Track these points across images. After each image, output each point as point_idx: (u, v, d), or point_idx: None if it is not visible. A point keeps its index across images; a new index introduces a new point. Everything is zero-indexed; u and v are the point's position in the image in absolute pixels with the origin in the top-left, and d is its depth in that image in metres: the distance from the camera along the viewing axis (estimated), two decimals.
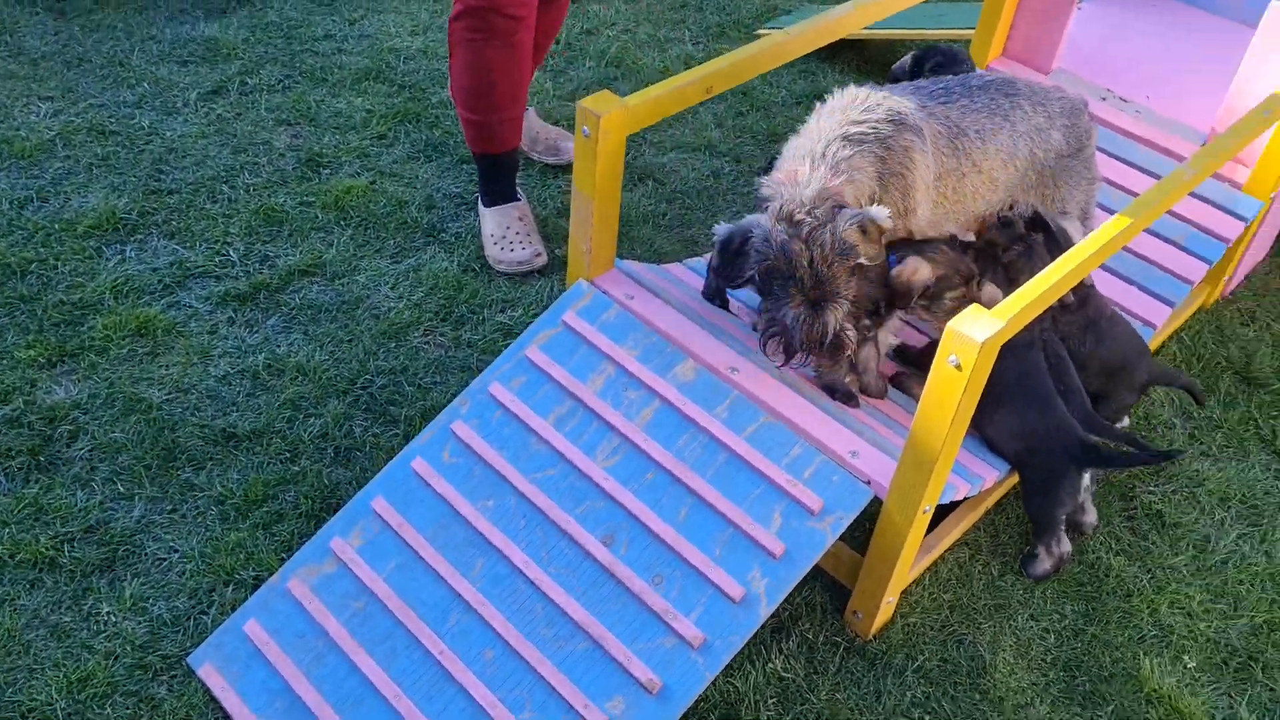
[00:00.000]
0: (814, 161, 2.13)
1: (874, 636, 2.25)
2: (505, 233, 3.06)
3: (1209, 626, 2.34)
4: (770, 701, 2.13)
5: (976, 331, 1.76)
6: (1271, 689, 2.24)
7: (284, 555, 2.27)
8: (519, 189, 3.17)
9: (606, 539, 2.09)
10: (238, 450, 2.50)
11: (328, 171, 3.32)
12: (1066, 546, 2.38)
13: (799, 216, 2.06)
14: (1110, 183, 2.95)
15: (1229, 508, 2.59)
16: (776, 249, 2.07)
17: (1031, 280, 1.92)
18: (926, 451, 1.91)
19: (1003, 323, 1.78)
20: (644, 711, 1.89)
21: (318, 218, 3.15)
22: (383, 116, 3.55)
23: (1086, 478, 2.33)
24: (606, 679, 1.93)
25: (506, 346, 2.76)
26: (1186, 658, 2.28)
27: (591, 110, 2.16)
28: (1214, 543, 2.51)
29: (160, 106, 3.50)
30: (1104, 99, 3.25)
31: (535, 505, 2.14)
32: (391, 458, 2.44)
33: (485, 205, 3.12)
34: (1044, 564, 2.37)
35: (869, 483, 2.07)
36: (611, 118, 2.16)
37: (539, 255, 3.03)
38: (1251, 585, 2.43)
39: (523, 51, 2.84)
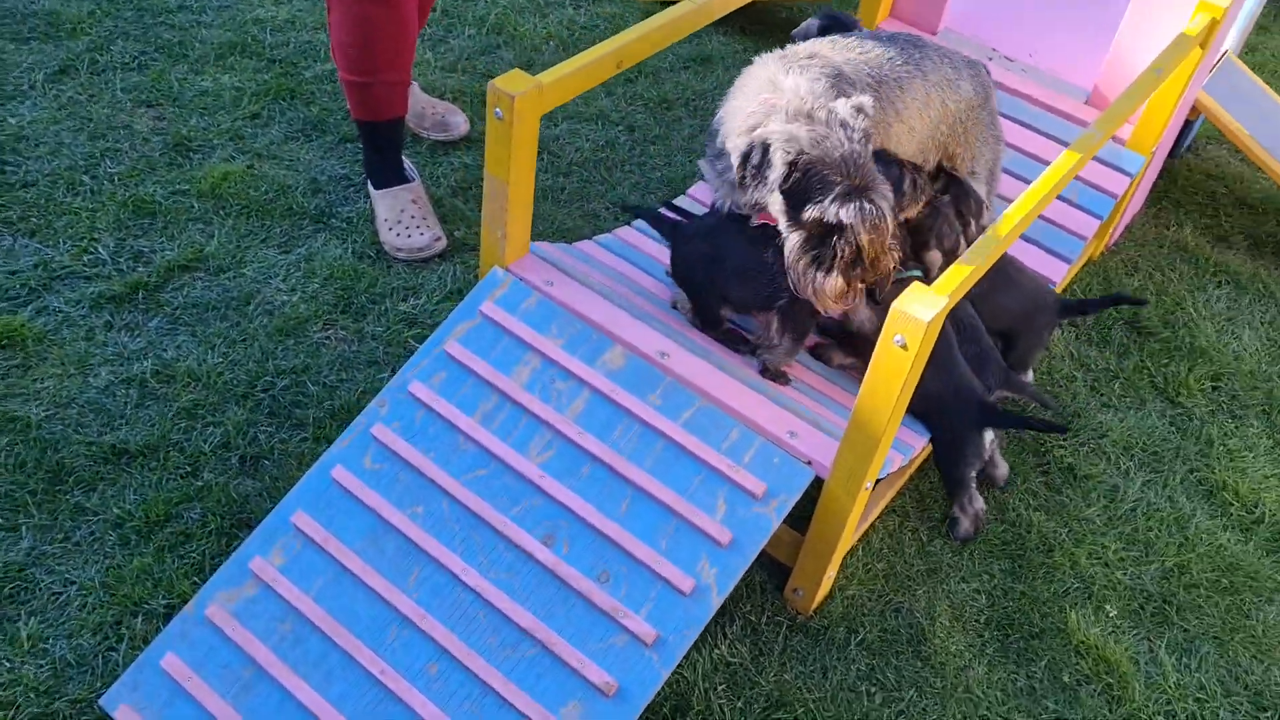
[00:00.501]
0: (778, 87, 2.09)
1: (815, 612, 2.25)
2: (400, 217, 2.92)
3: (1125, 575, 2.43)
4: (720, 688, 2.12)
5: (922, 311, 1.75)
6: (1185, 629, 2.35)
7: (197, 579, 2.13)
8: (412, 168, 3.03)
9: (547, 539, 2.02)
10: (131, 467, 2.32)
11: (199, 157, 3.10)
12: (980, 504, 2.43)
13: (813, 109, 2.03)
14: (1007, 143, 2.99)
15: (1132, 457, 2.69)
16: (810, 141, 2.00)
17: (969, 252, 1.92)
18: (871, 430, 1.90)
19: (945, 300, 1.77)
20: (601, 715, 1.84)
21: (193, 208, 2.93)
22: (254, 95, 3.33)
23: (989, 435, 2.38)
24: (560, 685, 1.88)
25: (412, 338, 2.65)
26: (1108, 606, 2.36)
27: (505, 91, 2.05)
28: (1122, 492, 2.60)
29: (1, 90, 3.20)
30: (990, 58, 3.29)
31: (469, 509, 2.05)
32: (302, 464, 2.31)
33: (376, 188, 2.98)
34: (964, 525, 2.41)
35: (810, 463, 2.05)
36: (526, 98, 2.06)
37: (439, 239, 2.90)
38: (1159, 531, 2.53)
39: (405, 10, 2.70)
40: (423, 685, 1.90)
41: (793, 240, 2.05)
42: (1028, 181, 2.68)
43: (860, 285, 2.06)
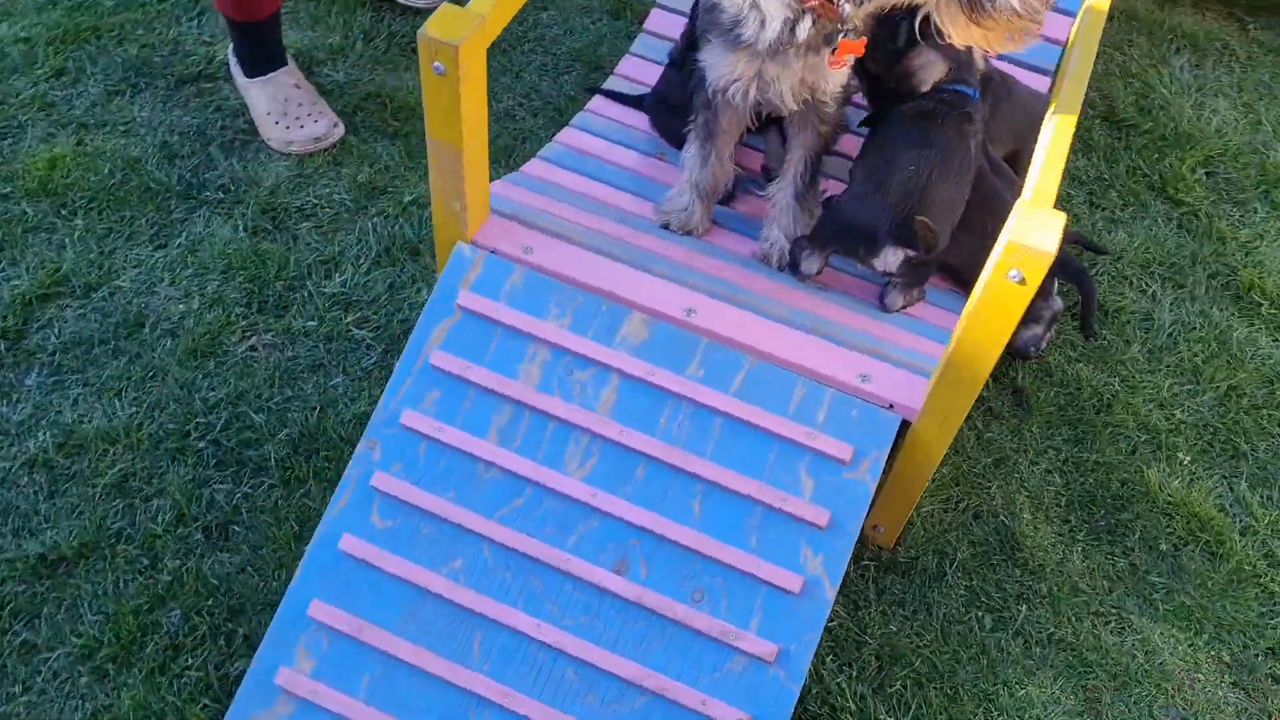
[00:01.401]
0: None
1: (897, 544, 2.05)
2: (286, 106, 2.50)
3: (1184, 413, 2.29)
4: (828, 659, 1.91)
5: (1045, 240, 1.44)
6: (1258, 458, 2.24)
7: (209, 701, 1.77)
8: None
9: (619, 565, 1.72)
10: (74, 577, 1.89)
11: (7, 143, 2.47)
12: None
13: None
14: None
15: (1153, 274, 2.52)
16: None
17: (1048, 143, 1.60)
18: (975, 369, 1.63)
19: (1063, 222, 1.47)
20: None
21: (26, 214, 2.35)
22: (48, 44, 2.66)
23: None
24: None
25: (354, 325, 2.23)
26: (1180, 454, 2.23)
27: (442, 40, 1.58)
28: (1156, 320, 2.43)
29: None
30: None
31: (516, 550, 1.73)
32: (280, 519, 1.94)
33: (250, 76, 2.53)
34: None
35: (891, 407, 1.78)
36: (471, 43, 1.60)
37: (337, 125, 2.53)
38: (1204, 354, 2.39)
39: None
40: None
41: None
42: None
43: None
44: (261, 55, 2.53)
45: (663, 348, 1.82)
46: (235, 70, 2.58)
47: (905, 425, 1.79)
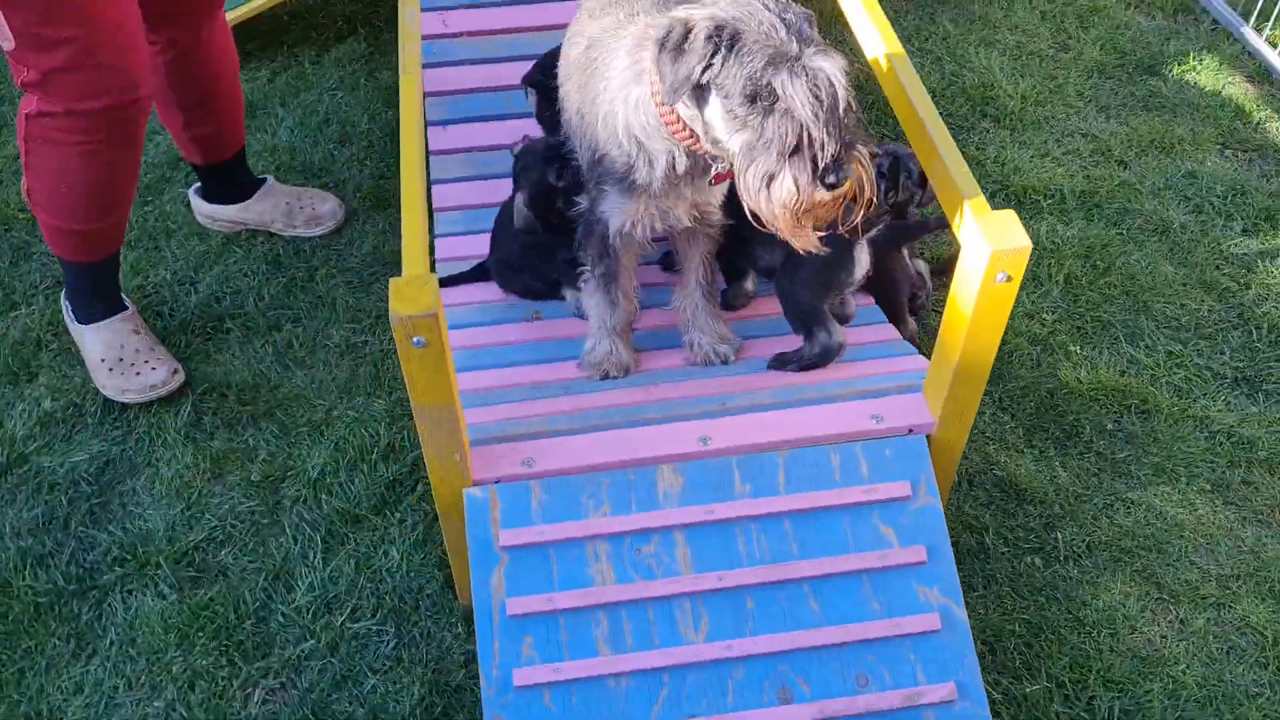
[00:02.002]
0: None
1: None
2: (123, 352, 2.40)
3: (1048, 314, 2.62)
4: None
5: (1019, 238, 1.63)
6: (1120, 320, 2.60)
7: None
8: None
9: (783, 695, 1.75)
10: None
11: None
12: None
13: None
14: None
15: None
16: (743, 12, 1.63)
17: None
18: (980, 368, 1.80)
19: (1016, 217, 1.67)
20: None
21: None
22: None
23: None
24: None
25: (347, 624, 2.09)
26: (1071, 348, 2.54)
27: (418, 315, 1.53)
28: None
29: None
30: None
31: None
32: None
33: (85, 323, 2.43)
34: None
35: (911, 430, 1.92)
36: (438, 318, 1.56)
37: (177, 372, 2.43)
38: (1031, 259, 2.73)
39: (143, 133, 2.28)
40: None
41: (735, 143, 1.68)
42: None
43: (830, 195, 1.64)
44: (100, 299, 2.43)
45: (703, 484, 1.86)
46: (68, 315, 2.45)
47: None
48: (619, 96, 1.84)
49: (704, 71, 1.64)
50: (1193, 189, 2.91)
